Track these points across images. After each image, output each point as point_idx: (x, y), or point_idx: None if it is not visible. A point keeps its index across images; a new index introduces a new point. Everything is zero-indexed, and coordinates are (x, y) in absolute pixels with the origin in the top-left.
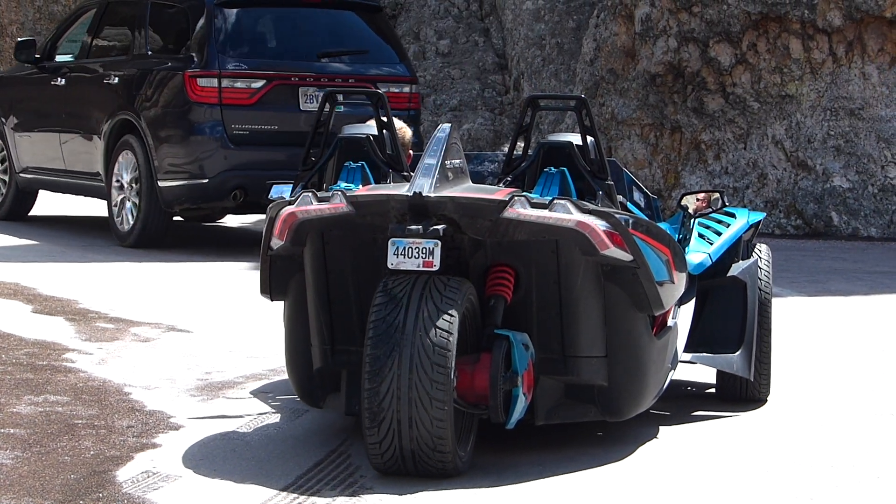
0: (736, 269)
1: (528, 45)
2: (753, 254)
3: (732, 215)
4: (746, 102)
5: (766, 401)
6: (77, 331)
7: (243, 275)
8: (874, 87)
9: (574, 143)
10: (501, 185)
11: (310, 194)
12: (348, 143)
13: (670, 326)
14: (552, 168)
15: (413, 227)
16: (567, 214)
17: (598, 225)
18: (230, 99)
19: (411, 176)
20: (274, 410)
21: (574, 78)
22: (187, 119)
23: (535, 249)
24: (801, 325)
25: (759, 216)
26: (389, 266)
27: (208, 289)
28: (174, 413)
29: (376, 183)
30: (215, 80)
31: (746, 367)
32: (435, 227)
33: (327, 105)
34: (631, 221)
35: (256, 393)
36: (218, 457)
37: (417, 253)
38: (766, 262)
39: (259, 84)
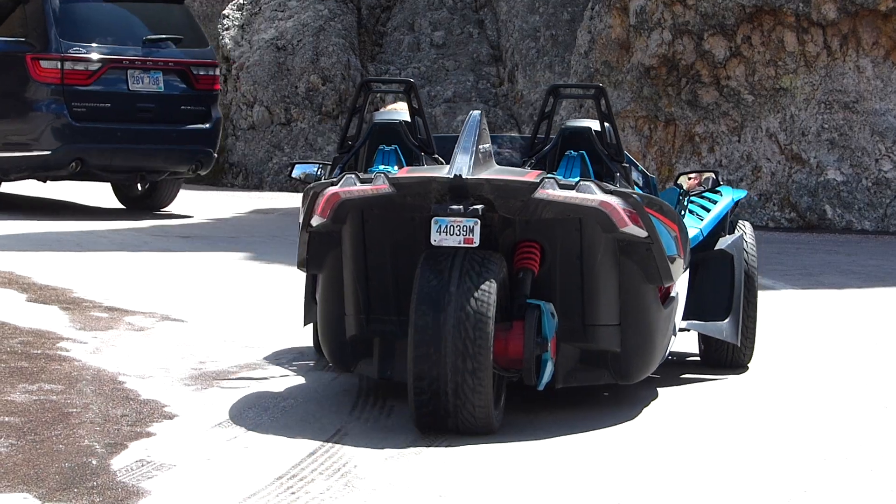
0: (723, 242)
1: (523, 37)
2: (737, 229)
3: (719, 193)
4: (741, 95)
5: (748, 367)
6: (71, 320)
7: (238, 265)
8: (868, 81)
9: (592, 128)
10: (527, 167)
11: (353, 176)
12: (382, 128)
13: (673, 297)
14: (572, 151)
15: (455, 206)
16: (591, 195)
17: (619, 204)
18: (71, 79)
19: (439, 158)
20: (268, 400)
21: (568, 70)
22: (29, 97)
23: (559, 227)
24: (794, 317)
25: (741, 194)
26: (433, 243)
27: (203, 279)
28: (168, 402)
29: (408, 165)
30: (58, 63)
31: (734, 334)
32: (474, 206)
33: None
34: (646, 201)
35: (250, 382)
36: (212, 446)
37: (458, 230)
38: (751, 236)
39: (95, 67)
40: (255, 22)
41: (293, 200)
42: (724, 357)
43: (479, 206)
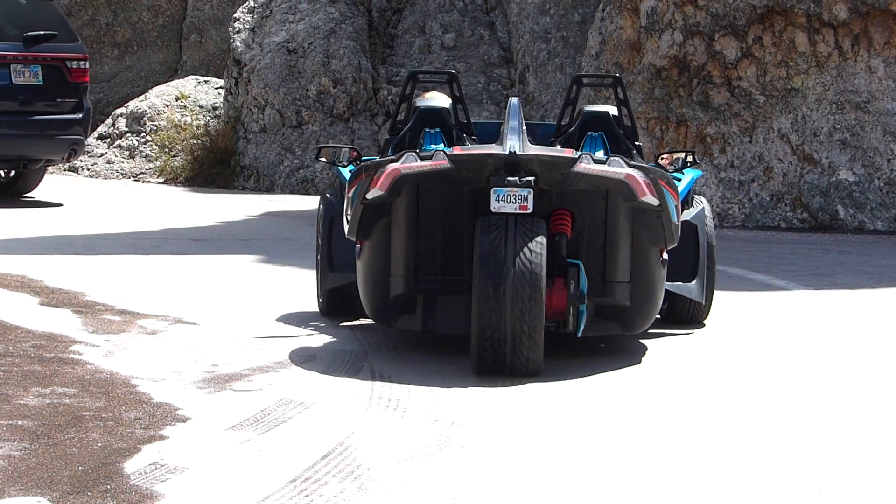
0: (687, 214)
1: (534, 39)
2: (696, 203)
3: (682, 172)
4: (752, 96)
5: (705, 324)
6: (84, 323)
7: (250, 267)
8: (880, 81)
9: (611, 112)
10: (557, 145)
11: (413, 154)
12: (427, 113)
13: (665, 259)
14: (593, 132)
15: (511, 178)
16: (619, 168)
17: (640, 177)
18: None
19: (476, 140)
20: (281, 403)
21: (579, 71)
22: None
23: (588, 196)
24: (806, 318)
25: (698, 173)
26: (493, 209)
27: (215, 281)
28: (181, 405)
29: (449, 146)
30: None
31: (701, 293)
32: (527, 178)
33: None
34: (658, 174)
35: (263, 385)
36: (225, 448)
37: (515, 199)
38: (709, 210)
39: None
40: (265, 25)
41: (305, 203)
42: (687, 314)
43: (531, 178)
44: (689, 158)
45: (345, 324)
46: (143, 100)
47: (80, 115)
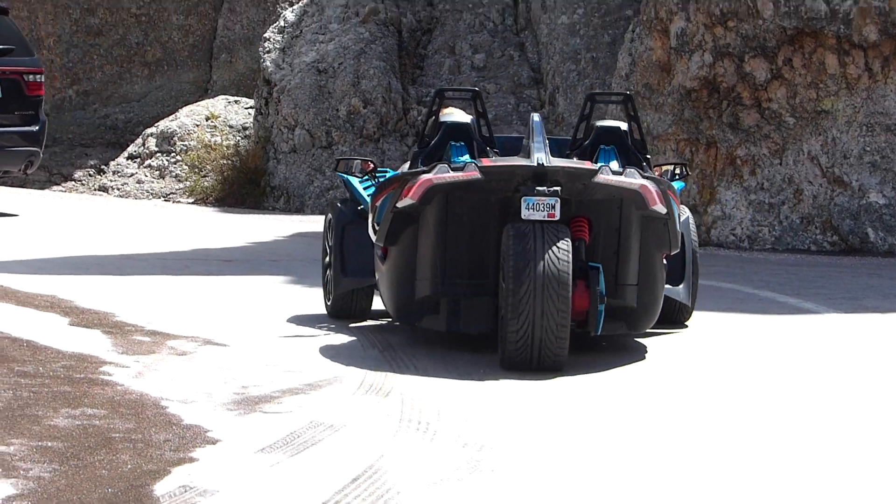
0: None
1: (564, 60)
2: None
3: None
4: (782, 118)
5: (687, 325)
6: (114, 344)
7: (279, 288)
8: None
9: (622, 127)
10: (574, 158)
11: (445, 165)
12: (452, 128)
13: (665, 264)
14: (605, 146)
15: (540, 188)
16: (635, 179)
17: (652, 187)
18: None
19: (498, 153)
20: (310, 425)
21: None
22: None
23: (604, 205)
24: (837, 341)
25: (682, 185)
26: (523, 217)
27: (245, 302)
28: (211, 427)
29: (473, 157)
30: None
31: (688, 296)
32: (554, 188)
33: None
34: (666, 185)
35: (293, 407)
36: (255, 471)
37: (543, 207)
38: (692, 219)
39: None
40: (296, 45)
41: None
42: (673, 315)
43: (557, 188)
44: (678, 171)
45: (354, 324)
46: (174, 119)
47: (37, 128)
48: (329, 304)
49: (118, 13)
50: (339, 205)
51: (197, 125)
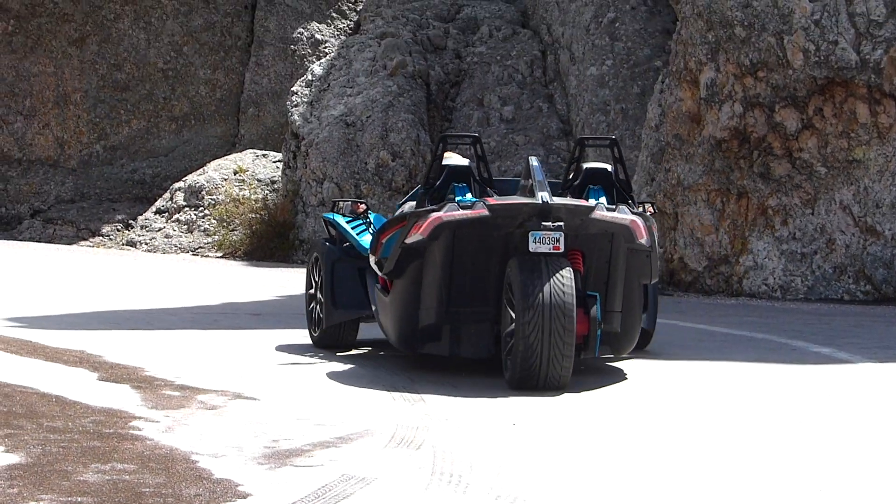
0: None
1: (593, 111)
2: None
3: None
4: (813, 167)
5: (649, 351)
6: (143, 398)
7: (307, 347)
8: None
9: (608, 168)
10: (568, 195)
11: (454, 203)
12: (454, 170)
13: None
14: (592, 186)
15: (546, 223)
16: (626, 216)
17: (640, 222)
18: None
19: (495, 193)
20: (342, 479)
21: (639, 143)
22: None
23: (597, 239)
24: (872, 391)
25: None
26: (531, 250)
27: (274, 356)
28: (242, 481)
29: (475, 196)
30: None
31: (651, 323)
32: (558, 223)
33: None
34: (650, 220)
35: (324, 461)
36: None
37: (549, 240)
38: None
39: None
40: (323, 98)
41: None
42: (639, 340)
43: (561, 223)
44: (649, 210)
45: (340, 353)
46: (202, 174)
47: None
48: (316, 335)
49: (145, 68)
50: (327, 243)
51: (225, 179)
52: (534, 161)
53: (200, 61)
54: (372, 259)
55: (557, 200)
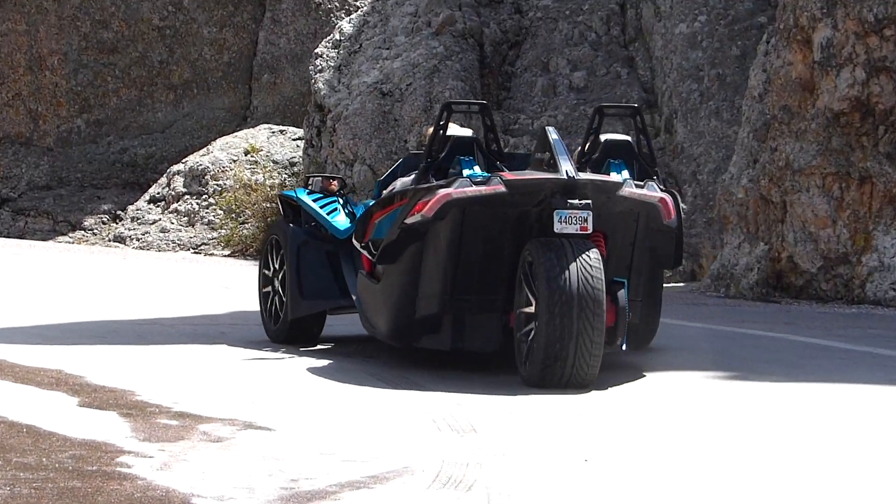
0: None
1: (682, 78)
2: None
3: None
4: None
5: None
6: (133, 428)
7: (334, 359)
8: None
9: (629, 140)
10: (588, 170)
11: (467, 179)
12: (459, 142)
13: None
14: (613, 160)
15: (573, 201)
16: (655, 192)
17: (669, 200)
18: None
19: (504, 168)
20: None
21: (739, 117)
22: None
23: (621, 219)
24: None
25: None
26: (556, 231)
27: (293, 377)
28: None
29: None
30: None
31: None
32: (585, 201)
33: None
34: (678, 201)
35: None
36: None
37: (576, 220)
38: None
39: None
40: (354, 62)
41: None
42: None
43: (588, 201)
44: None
45: (305, 349)
46: (205, 154)
47: None
48: (275, 328)
49: (137, 25)
50: (291, 226)
51: (234, 161)
52: (552, 133)
53: (204, 17)
54: (357, 243)
55: (583, 176)
